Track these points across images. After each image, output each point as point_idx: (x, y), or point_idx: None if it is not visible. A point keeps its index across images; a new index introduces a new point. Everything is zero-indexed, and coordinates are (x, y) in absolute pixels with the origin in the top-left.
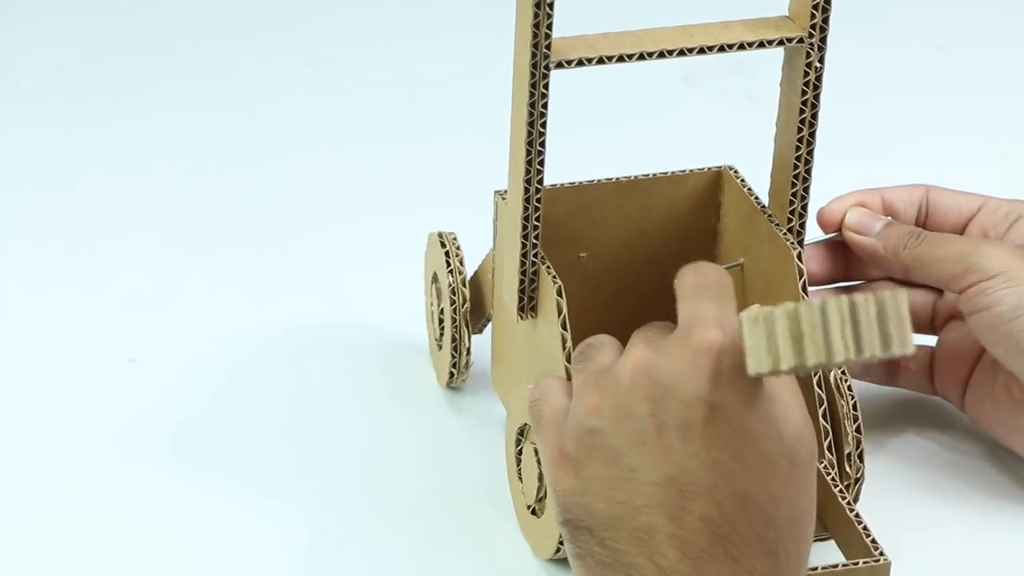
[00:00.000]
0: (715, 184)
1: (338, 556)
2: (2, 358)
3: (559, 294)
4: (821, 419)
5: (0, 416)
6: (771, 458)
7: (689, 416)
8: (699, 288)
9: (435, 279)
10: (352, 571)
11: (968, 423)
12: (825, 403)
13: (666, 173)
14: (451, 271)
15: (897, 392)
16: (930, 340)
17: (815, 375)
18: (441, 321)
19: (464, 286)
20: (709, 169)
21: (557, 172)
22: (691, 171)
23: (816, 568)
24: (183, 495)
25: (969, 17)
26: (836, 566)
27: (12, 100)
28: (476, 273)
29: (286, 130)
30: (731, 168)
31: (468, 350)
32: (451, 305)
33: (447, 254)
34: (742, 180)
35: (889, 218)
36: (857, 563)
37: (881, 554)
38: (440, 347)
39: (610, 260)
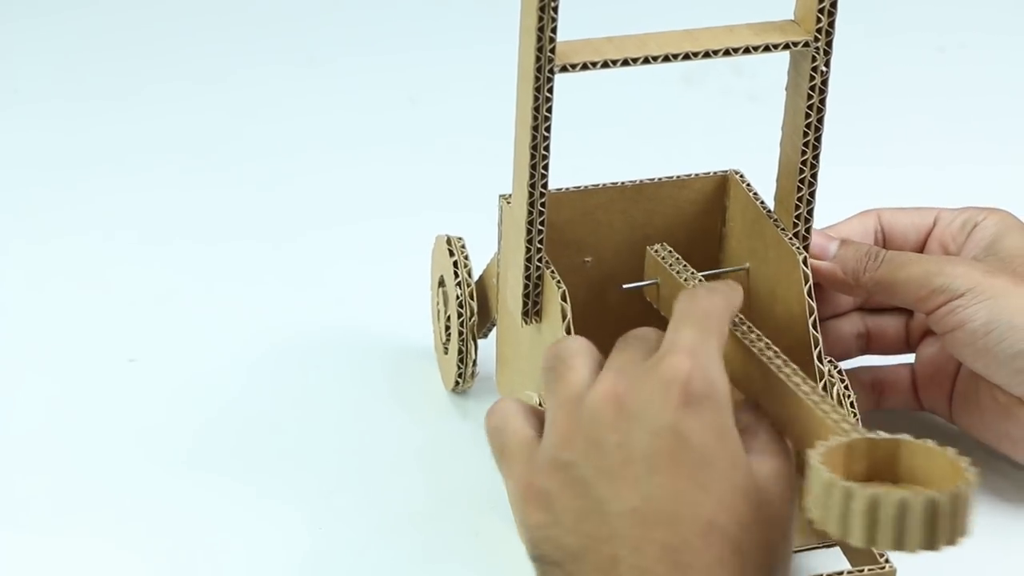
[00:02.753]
0: (721, 188)
1: (340, 558)
2: (2, 357)
3: (563, 299)
4: None
5: (0, 415)
6: (741, 488)
7: (656, 446)
8: (684, 314)
9: (442, 282)
10: (354, 573)
11: (960, 433)
12: None
13: (672, 177)
14: (459, 283)
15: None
16: (908, 358)
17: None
18: (447, 327)
19: (472, 299)
20: (715, 173)
21: (558, 172)
22: (697, 175)
23: (822, 575)
24: (183, 495)
25: (969, 17)
26: (842, 573)
27: (12, 100)
28: (481, 277)
29: (286, 130)
30: (737, 172)
31: (474, 361)
32: (459, 318)
33: (455, 264)
34: (748, 185)
35: (842, 238)
36: (863, 570)
37: (887, 561)
38: (447, 351)
39: (615, 265)
